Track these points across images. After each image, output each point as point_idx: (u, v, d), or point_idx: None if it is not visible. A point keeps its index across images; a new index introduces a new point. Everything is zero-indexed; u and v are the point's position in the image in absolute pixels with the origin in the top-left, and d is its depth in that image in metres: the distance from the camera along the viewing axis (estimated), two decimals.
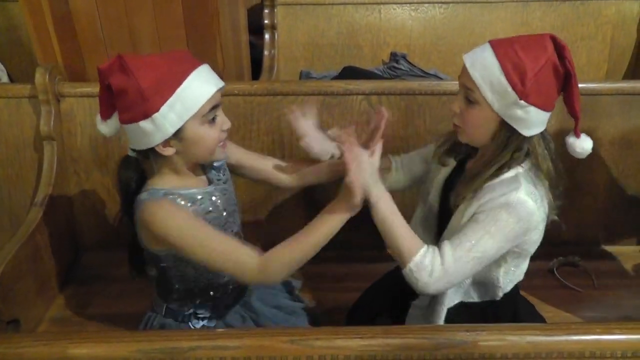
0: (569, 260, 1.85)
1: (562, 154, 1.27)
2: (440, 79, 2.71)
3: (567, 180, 1.27)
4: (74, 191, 1.86)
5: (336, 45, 2.86)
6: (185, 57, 1.19)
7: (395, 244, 1.19)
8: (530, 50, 1.14)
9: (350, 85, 1.77)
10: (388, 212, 1.20)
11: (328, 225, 1.20)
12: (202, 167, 1.33)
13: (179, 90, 1.13)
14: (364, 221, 1.87)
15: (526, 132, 1.18)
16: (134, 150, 1.24)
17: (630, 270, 1.85)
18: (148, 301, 1.42)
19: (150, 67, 1.13)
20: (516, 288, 1.36)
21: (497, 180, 1.20)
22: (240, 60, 2.28)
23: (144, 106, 1.12)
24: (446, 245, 1.18)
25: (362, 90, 1.76)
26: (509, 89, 1.13)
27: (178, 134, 1.17)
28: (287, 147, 1.81)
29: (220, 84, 1.20)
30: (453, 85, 1.71)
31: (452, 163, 1.37)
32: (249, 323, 1.39)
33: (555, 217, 1.26)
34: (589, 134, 1.23)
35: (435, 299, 1.32)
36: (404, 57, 2.83)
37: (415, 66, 2.80)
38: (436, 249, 1.18)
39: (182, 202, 1.22)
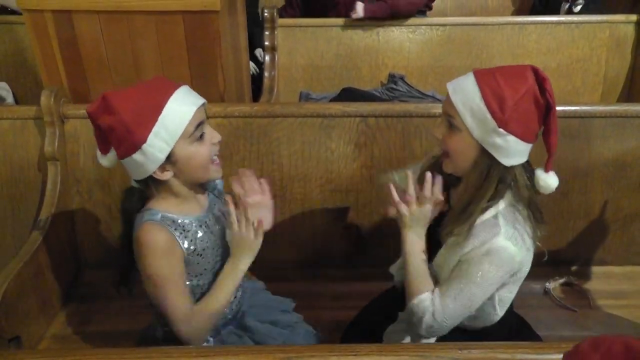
0: (565, 280, 1.86)
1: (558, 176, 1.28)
2: (438, 100, 2.75)
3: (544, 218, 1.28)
4: (77, 211, 1.88)
5: (335, 66, 2.91)
6: (162, 84, 1.22)
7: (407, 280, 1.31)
8: (511, 79, 1.15)
9: (347, 107, 1.80)
10: (408, 252, 1.30)
11: (235, 279, 1.30)
12: (203, 189, 1.36)
13: (160, 117, 1.16)
14: (363, 240, 1.91)
15: (505, 162, 1.19)
16: (136, 181, 1.28)
17: (625, 290, 1.86)
18: (148, 319, 1.43)
19: (130, 101, 1.17)
20: (510, 306, 1.37)
21: (479, 221, 1.22)
22: (241, 81, 2.31)
23: (132, 139, 1.16)
24: (436, 295, 1.25)
25: (360, 112, 1.80)
26: (488, 116, 1.15)
27: (170, 158, 1.20)
28: (285, 168, 1.84)
29: (200, 101, 1.23)
30: None
31: None
32: (246, 341, 1.40)
33: (538, 244, 1.27)
34: (584, 155, 1.22)
35: None
36: (401, 78, 2.87)
37: (413, 87, 2.84)
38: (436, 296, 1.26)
39: (176, 232, 1.25)
